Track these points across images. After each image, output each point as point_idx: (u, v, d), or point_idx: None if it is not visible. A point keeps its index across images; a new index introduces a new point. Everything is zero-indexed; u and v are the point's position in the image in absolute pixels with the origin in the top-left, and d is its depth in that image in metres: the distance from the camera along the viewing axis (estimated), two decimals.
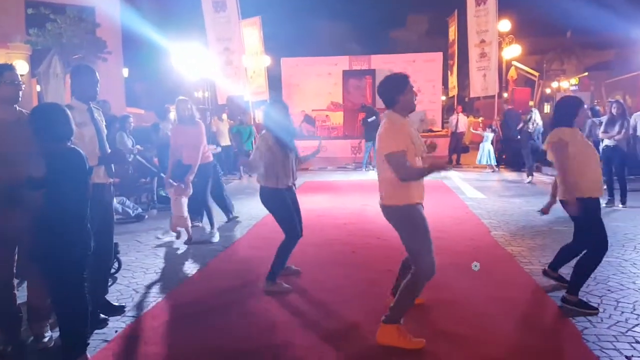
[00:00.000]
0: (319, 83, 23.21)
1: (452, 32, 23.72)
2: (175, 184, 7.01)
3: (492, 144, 16.05)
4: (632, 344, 3.77)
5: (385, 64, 22.44)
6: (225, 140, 15.56)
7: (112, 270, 5.64)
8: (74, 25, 14.91)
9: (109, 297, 4.76)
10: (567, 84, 35.77)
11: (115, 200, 7.71)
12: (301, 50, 26.97)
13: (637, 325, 4.09)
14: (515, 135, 15.04)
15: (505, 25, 22.77)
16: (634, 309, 4.42)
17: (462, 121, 18.43)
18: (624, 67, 29.71)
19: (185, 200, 7.07)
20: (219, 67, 18.64)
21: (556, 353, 3.76)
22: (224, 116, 15.87)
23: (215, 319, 4.45)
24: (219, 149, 8.89)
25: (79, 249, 3.58)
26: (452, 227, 7.70)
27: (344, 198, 10.96)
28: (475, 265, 5.52)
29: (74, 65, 6.45)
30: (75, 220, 3.56)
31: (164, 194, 9.59)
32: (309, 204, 9.39)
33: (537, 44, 41.21)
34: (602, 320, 4.20)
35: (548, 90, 33.99)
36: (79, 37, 14.89)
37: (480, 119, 25.41)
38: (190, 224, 7.24)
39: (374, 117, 16.51)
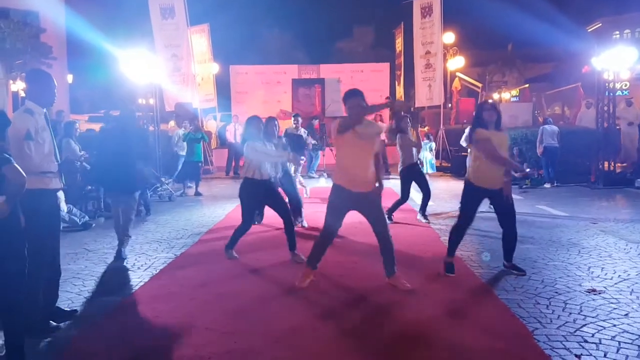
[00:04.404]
0: (268, 91, 23.21)
1: (399, 44, 24.15)
2: None
3: (430, 151, 16.55)
4: (581, 343, 3.91)
5: (334, 73, 22.67)
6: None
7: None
8: (17, 29, 14.37)
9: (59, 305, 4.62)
10: (508, 95, 36.94)
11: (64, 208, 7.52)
12: (250, 58, 26.87)
13: (584, 325, 4.25)
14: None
15: (449, 37, 23.42)
16: (581, 310, 4.59)
17: None
18: (563, 79, 30.99)
19: None
20: (167, 74, 18.35)
21: (508, 353, 3.85)
22: (185, 123, 15.21)
23: (169, 323, 4.38)
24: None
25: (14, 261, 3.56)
26: (403, 232, 7.81)
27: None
28: None
29: (30, 70, 6.25)
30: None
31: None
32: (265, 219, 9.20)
33: (479, 57, 42.40)
34: (551, 321, 4.35)
35: (490, 101, 34.86)
36: (23, 42, 14.38)
37: (426, 127, 25.93)
38: None
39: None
